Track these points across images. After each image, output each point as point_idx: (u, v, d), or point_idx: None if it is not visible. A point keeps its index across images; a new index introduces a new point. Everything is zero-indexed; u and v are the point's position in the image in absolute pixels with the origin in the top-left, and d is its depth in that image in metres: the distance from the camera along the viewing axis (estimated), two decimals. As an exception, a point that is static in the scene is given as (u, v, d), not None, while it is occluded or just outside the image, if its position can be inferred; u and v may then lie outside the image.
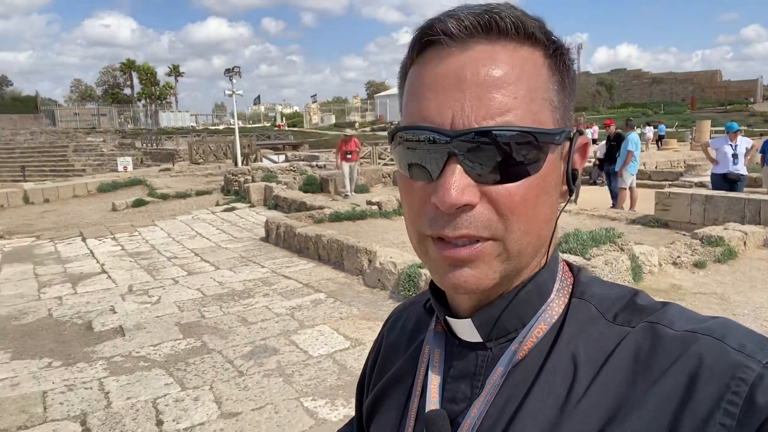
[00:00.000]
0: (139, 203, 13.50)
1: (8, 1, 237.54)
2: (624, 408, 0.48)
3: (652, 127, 27.40)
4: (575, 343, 0.54)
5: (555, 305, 0.57)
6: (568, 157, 0.55)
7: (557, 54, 0.53)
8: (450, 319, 0.61)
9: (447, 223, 0.50)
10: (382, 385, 0.70)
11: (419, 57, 0.54)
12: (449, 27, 0.50)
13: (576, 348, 0.54)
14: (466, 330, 0.59)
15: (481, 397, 0.56)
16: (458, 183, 0.49)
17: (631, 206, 10.23)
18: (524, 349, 0.56)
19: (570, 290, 0.59)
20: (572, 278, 0.61)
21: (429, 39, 0.52)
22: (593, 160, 15.44)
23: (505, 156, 0.49)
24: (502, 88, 0.49)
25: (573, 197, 0.58)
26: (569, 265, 0.63)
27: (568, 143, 0.54)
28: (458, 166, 0.49)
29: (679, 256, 5.99)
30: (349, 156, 12.65)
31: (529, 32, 0.51)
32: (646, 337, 0.51)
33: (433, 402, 0.60)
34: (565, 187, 0.56)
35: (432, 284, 0.64)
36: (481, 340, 0.58)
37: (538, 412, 0.52)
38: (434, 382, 0.61)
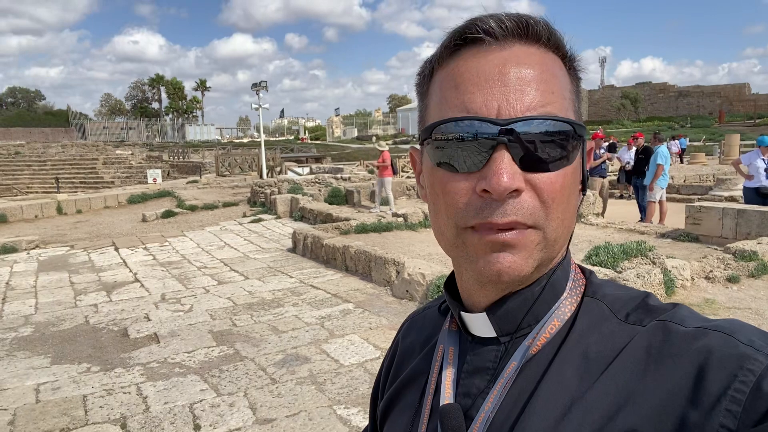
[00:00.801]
0: (168, 214, 13.76)
1: (42, 18, 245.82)
2: (633, 397, 0.49)
3: (676, 141, 27.08)
4: (587, 339, 0.56)
5: (568, 303, 0.59)
6: (582, 158, 0.58)
7: (573, 64, 0.59)
8: (464, 314, 0.62)
9: (495, 210, 0.52)
10: (397, 386, 0.71)
11: (453, 56, 0.56)
12: (491, 27, 0.54)
13: (587, 344, 0.55)
14: (480, 325, 0.60)
15: (495, 390, 0.57)
16: (509, 169, 0.51)
17: (660, 220, 10.10)
18: (537, 344, 0.57)
19: (582, 290, 0.61)
20: (584, 279, 0.63)
21: (468, 38, 0.55)
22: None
23: (548, 145, 0.52)
24: (541, 84, 0.53)
25: (601, 210, 0.61)
26: (581, 267, 0.65)
27: (583, 143, 0.58)
28: (507, 154, 0.51)
29: (711, 271, 5.90)
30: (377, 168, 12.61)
31: (555, 40, 0.56)
32: (658, 333, 0.53)
33: (447, 397, 0.60)
34: (580, 186, 0.59)
35: (447, 281, 0.66)
36: (495, 335, 0.59)
37: (549, 403, 0.53)
38: (448, 377, 0.62)
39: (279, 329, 5.25)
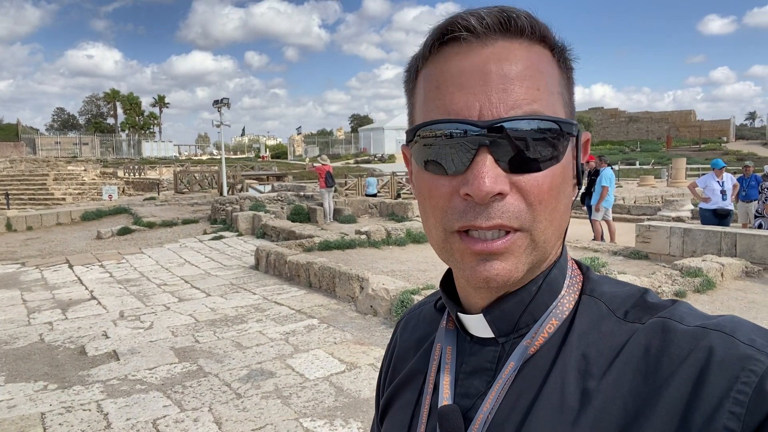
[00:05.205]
0: (125, 231, 13.45)
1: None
2: (642, 407, 0.48)
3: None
4: (586, 339, 0.55)
5: (566, 301, 0.58)
6: (576, 150, 0.57)
7: (563, 54, 0.57)
8: (462, 315, 0.61)
9: (479, 214, 0.51)
10: (396, 384, 0.70)
11: (436, 55, 0.54)
12: (472, 24, 0.52)
13: (587, 344, 0.54)
14: (477, 326, 0.59)
15: (493, 391, 0.56)
16: (491, 172, 0.50)
17: (611, 239, 10.53)
18: (535, 344, 0.56)
19: (580, 287, 0.60)
20: (581, 276, 0.61)
21: (450, 36, 0.53)
22: None
23: (533, 145, 0.50)
24: (525, 81, 0.51)
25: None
26: (578, 263, 0.63)
27: (574, 138, 0.57)
28: (489, 156, 0.50)
29: (660, 286, 6.20)
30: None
31: (541, 32, 0.54)
32: (657, 331, 0.51)
33: (445, 398, 0.59)
34: (574, 180, 0.58)
35: (443, 281, 0.65)
36: (493, 336, 0.58)
37: (554, 407, 0.52)
38: (447, 378, 0.61)
39: (243, 345, 5.23)
